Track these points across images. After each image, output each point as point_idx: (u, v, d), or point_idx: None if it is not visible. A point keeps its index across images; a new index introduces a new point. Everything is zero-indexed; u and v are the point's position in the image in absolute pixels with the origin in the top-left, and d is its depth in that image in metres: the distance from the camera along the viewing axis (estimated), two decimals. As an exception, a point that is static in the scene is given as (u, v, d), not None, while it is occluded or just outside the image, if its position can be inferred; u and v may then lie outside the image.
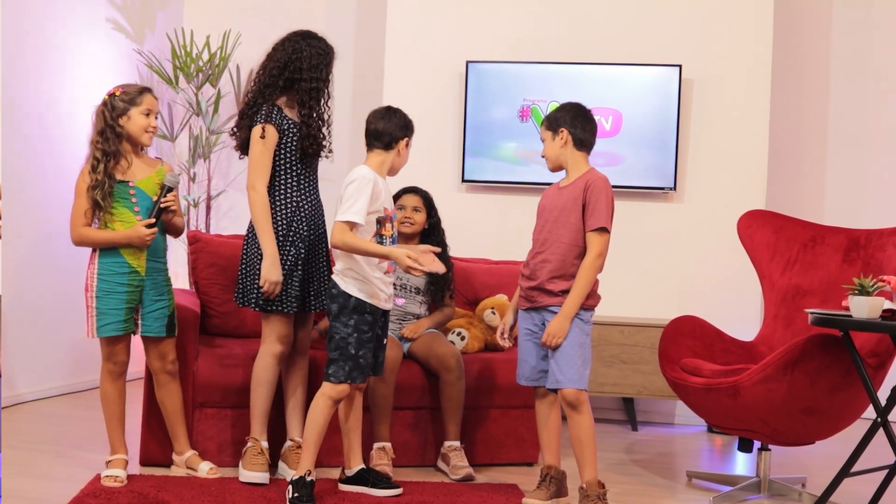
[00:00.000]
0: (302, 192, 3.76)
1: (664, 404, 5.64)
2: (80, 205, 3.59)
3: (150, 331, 3.67)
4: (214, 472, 3.76)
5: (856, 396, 3.70)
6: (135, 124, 3.63)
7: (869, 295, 3.37)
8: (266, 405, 3.77)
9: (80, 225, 3.59)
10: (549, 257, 3.53)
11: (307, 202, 3.77)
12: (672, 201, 5.66)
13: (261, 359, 3.77)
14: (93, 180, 3.56)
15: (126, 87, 3.68)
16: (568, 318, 3.46)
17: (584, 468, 3.51)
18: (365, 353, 3.51)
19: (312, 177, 3.84)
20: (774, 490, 3.95)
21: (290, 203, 3.73)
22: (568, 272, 3.51)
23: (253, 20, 6.47)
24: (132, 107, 3.62)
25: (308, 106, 3.73)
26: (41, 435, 4.41)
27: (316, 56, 3.75)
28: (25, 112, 5.08)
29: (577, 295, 3.47)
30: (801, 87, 6.18)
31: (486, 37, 5.79)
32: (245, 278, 3.77)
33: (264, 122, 3.68)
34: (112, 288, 3.59)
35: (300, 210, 3.74)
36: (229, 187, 6.45)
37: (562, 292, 3.50)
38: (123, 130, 3.62)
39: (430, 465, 4.18)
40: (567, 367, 3.46)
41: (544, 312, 3.55)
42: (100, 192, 3.54)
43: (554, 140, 3.60)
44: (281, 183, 3.73)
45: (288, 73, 3.73)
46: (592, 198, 3.48)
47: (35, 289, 5.16)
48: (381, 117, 3.63)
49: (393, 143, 3.61)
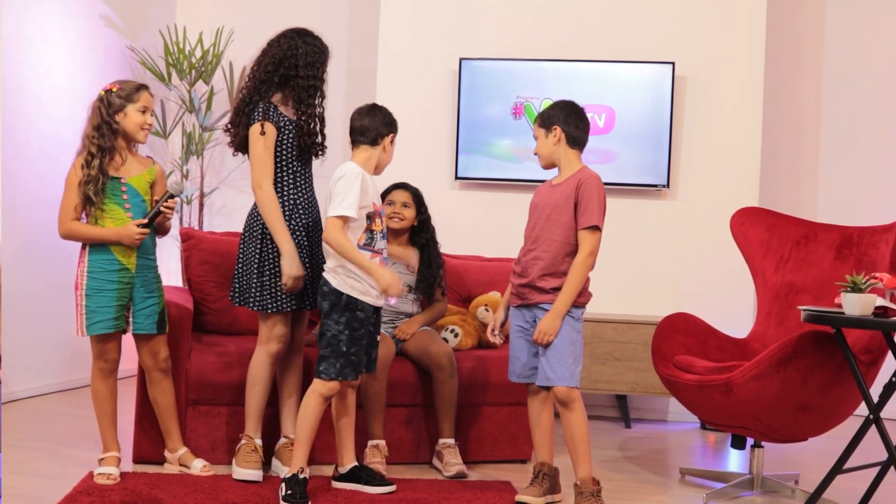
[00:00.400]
0: (299, 190, 3.75)
1: (657, 401, 5.64)
2: (70, 199, 3.57)
3: (142, 328, 3.66)
4: (207, 469, 3.75)
5: (848, 393, 3.71)
6: (131, 121, 3.62)
7: (861, 292, 3.38)
8: (261, 403, 3.77)
9: (70, 219, 3.57)
10: (540, 255, 3.54)
11: (304, 199, 3.76)
12: (665, 199, 5.66)
13: (257, 357, 3.76)
14: (85, 175, 3.54)
15: (123, 84, 3.66)
16: (559, 315, 3.47)
17: (579, 465, 3.51)
18: (356, 351, 3.50)
19: (308, 174, 3.83)
20: (767, 487, 3.96)
21: (287, 200, 3.72)
22: (559, 270, 3.51)
23: (246, 17, 6.47)
24: (129, 103, 3.61)
25: (305, 103, 3.72)
26: (35, 432, 4.40)
27: (311, 54, 3.73)
28: (19, 108, 5.07)
29: (568, 293, 3.47)
30: (795, 85, 6.19)
31: (480, 34, 5.79)
32: (242, 278, 3.75)
33: (262, 119, 3.66)
34: (102, 286, 3.58)
35: (297, 207, 3.73)
36: (222, 184, 6.44)
37: (553, 290, 3.50)
38: (119, 127, 3.61)
39: (423, 463, 4.18)
40: (558, 364, 3.46)
41: (535, 310, 3.56)
42: (93, 188, 3.52)
43: (547, 137, 3.60)
44: (278, 180, 3.72)
45: (283, 70, 3.71)
46: (584, 196, 3.49)
47: (29, 285, 5.15)
48: (365, 114, 3.64)
49: (378, 140, 3.62)
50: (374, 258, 3.53)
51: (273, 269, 3.68)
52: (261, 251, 3.68)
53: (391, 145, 3.67)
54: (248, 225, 3.75)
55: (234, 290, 3.80)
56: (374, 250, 3.54)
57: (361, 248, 3.51)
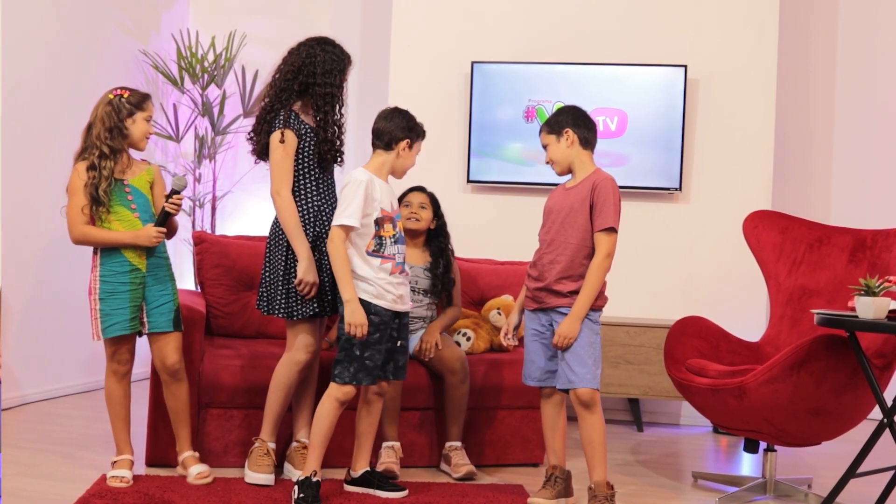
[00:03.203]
0: (322, 197, 3.75)
1: (670, 405, 5.63)
2: (76, 202, 3.59)
3: (157, 326, 3.66)
4: (203, 476, 3.70)
5: (862, 397, 3.70)
6: (138, 128, 3.67)
7: (875, 295, 3.36)
8: (281, 409, 3.77)
9: (81, 223, 3.58)
10: (557, 258, 3.53)
11: (328, 206, 3.76)
12: (677, 202, 5.65)
13: (284, 366, 3.74)
14: (92, 177, 3.56)
15: (132, 91, 3.70)
16: (578, 318, 3.47)
17: (594, 468, 3.50)
18: (371, 355, 3.48)
19: (330, 181, 3.83)
20: (780, 491, 3.95)
21: (311, 207, 3.71)
22: (576, 273, 3.51)
23: (258, 21, 6.48)
24: (138, 111, 3.66)
25: (323, 111, 3.73)
26: (47, 435, 4.41)
27: (330, 62, 3.74)
28: (31, 112, 5.09)
29: (587, 296, 3.47)
30: (807, 87, 6.17)
31: (492, 37, 5.79)
32: (269, 286, 3.74)
33: (283, 127, 3.67)
34: (115, 288, 3.59)
35: (321, 213, 3.72)
36: (234, 188, 6.46)
37: (570, 293, 3.50)
38: (128, 132, 3.65)
39: (435, 466, 4.17)
40: (579, 366, 3.46)
41: (552, 313, 3.55)
42: (103, 189, 3.55)
43: (559, 142, 3.60)
44: (301, 188, 3.72)
45: (302, 78, 3.72)
46: (600, 198, 3.49)
47: (43, 289, 5.17)
48: (384, 117, 3.63)
49: (393, 144, 3.59)
50: (385, 264, 3.51)
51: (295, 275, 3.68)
52: (286, 259, 3.67)
53: (408, 150, 3.63)
54: (272, 233, 3.75)
55: (262, 299, 3.79)
56: (383, 256, 3.51)
57: (370, 255, 3.50)
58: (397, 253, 3.57)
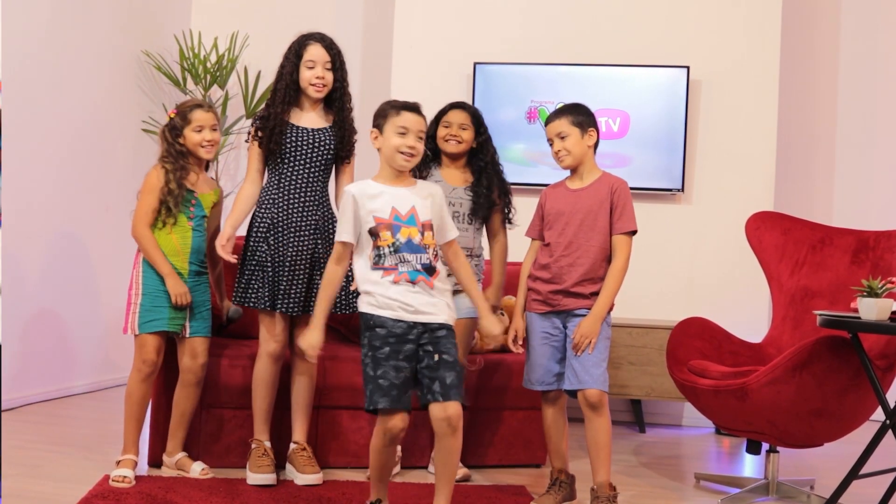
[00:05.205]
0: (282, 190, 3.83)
1: (672, 406, 5.63)
2: (148, 202, 3.73)
3: (199, 332, 3.79)
4: (206, 472, 3.77)
5: (864, 398, 3.69)
6: (190, 141, 3.82)
7: (878, 297, 3.36)
8: (265, 404, 3.80)
9: (146, 224, 3.73)
10: (578, 261, 3.52)
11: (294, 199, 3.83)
12: (680, 203, 5.65)
13: (258, 358, 3.83)
14: (166, 187, 3.73)
15: (180, 107, 3.87)
16: (600, 318, 3.48)
17: (598, 470, 3.49)
18: (385, 373, 3.04)
19: (313, 177, 3.87)
20: (783, 492, 3.94)
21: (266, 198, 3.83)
22: (597, 275, 3.53)
23: (261, 22, 6.49)
24: (185, 125, 3.81)
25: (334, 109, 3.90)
26: (50, 435, 4.42)
27: (284, 59, 3.84)
28: (33, 113, 5.09)
29: (608, 297, 3.50)
30: (810, 88, 6.17)
31: (494, 38, 5.80)
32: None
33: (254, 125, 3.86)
34: (158, 286, 3.71)
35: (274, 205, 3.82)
36: (237, 188, 6.44)
37: (592, 294, 3.51)
38: (184, 148, 3.82)
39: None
40: (593, 367, 3.46)
41: (567, 315, 3.55)
42: (173, 200, 3.72)
43: (583, 138, 3.60)
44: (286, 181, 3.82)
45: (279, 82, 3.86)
46: (620, 201, 3.53)
47: (50, 288, 5.17)
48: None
49: (374, 143, 3.27)
50: (387, 276, 3.09)
51: (251, 264, 3.78)
52: (243, 252, 3.84)
53: (381, 137, 3.21)
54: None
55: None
56: (384, 268, 3.10)
57: (374, 269, 3.13)
58: (399, 262, 3.10)
